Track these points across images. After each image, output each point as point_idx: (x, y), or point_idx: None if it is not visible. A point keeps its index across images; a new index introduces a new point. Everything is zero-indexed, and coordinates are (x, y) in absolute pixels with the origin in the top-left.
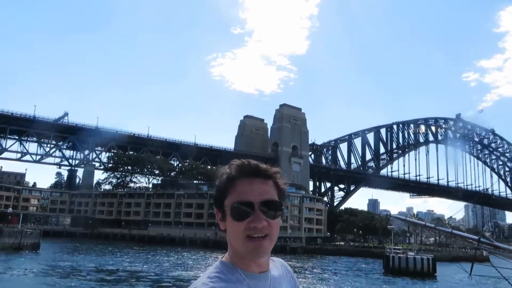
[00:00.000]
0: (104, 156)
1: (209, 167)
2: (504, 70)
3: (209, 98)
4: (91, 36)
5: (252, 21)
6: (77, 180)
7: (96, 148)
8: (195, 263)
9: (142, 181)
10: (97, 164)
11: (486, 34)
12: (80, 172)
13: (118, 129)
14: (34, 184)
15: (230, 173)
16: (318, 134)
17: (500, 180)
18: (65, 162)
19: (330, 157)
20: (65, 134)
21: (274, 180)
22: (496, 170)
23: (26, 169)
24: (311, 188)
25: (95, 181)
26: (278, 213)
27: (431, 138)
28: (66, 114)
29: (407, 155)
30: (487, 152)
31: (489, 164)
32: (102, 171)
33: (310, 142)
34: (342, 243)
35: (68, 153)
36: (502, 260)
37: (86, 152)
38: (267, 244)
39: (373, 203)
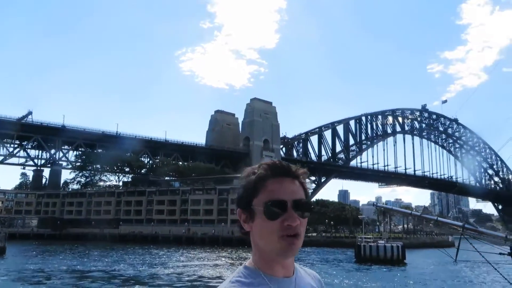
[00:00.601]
0: (71, 155)
1: (180, 163)
2: (467, 61)
3: (179, 93)
4: (55, 34)
5: (221, 15)
6: (44, 180)
7: (63, 147)
8: (169, 260)
9: (112, 180)
10: (64, 164)
11: (450, 26)
12: (46, 172)
13: (86, 127)
14: None
15: (260, 172)
16: (289, 128)
17: (463, 167)
18: (30, 162)
19: (301, 149)
20: (30, 133)
21: (300, 181)
22: (460, 158)
23: None
24: None
25: (62, 181)
26: (307, 213)
27: (398, 128)
28: (30, 113)
29: (375, 146)
30: (451, 141)
31: (453, 152)
32: (70, 171)
33: (281, 135)
34: (314, 234)
35: (33, 152)
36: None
37: (53, 151)
38: (298, 243)
39: (344, 193)
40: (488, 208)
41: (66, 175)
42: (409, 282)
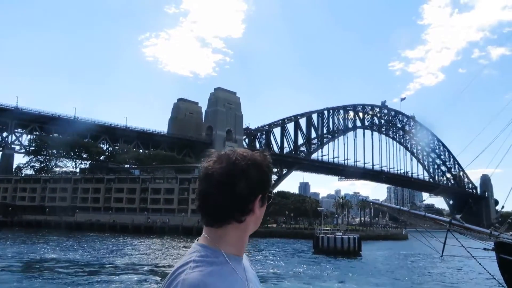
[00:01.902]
0: (25, 139)
1: (141, 150)
2: (426, 60)
3: (142, 79)
4: (12, 14)
5: (187, 1)
6: None
7: (16, 130)
8: (128, 249)
9: (68, 166)
10: (17, 147)
11: (412, 26)
12: None
13: (41, 110)
14: None
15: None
16: (252, 119)
17: (418, 163)
18: None
19: (263, 141)
20: None
21: None
22: (416, 155)
23: None
24: None
25: (15, 166)
26: None
27: (358, 123)
28: None
29: (336, 140)
30: (408, 137)
31: (409, 148)
32: (23, 155)
33: (244, 126)
34: (274, 225)
35: None
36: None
37: (5, 134)
38: None
39: (304, 186)
40: (440, 203)
41: (19, 159)
42: (363, 271)
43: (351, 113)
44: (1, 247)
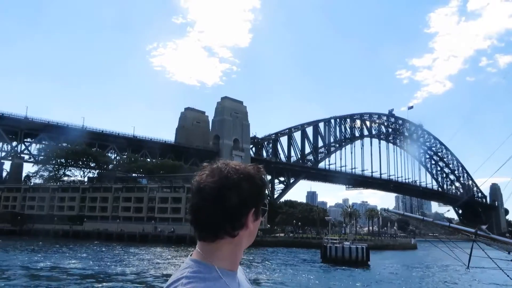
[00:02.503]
0: (34, 148)
1: (148, 160)
2: (433, 69)
3: (149, 89)
4: (24, 25)
5: (194, 11)
6: (4, 173)
7: (25, 140)
8: (136, 259)
9: (76, 175)
10: (26, 157)
11: (418, 34)
12: (7, 165)
13: (50, 120)
14: None
15: (265, 177)
16: (259, 127)
17: (427, 172)
18: None
19: (270, 150)
20: None
21: None
22: (424, 163)
23: None
24: None
25: (24, 175)
26: None
27: (366, 132)
28: None
29: (343, 148)
30: (415, 146)
31: (417, 157)
32: (33, 164)
33: (251, 135)
34: (282, 234)
35: None
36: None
37: (14, 143)
38: None
39: (312, 195)
40: (449, 212)
41: (28, 168)
42: (371, 282)
43: (358, 122)
44: (10, 256)
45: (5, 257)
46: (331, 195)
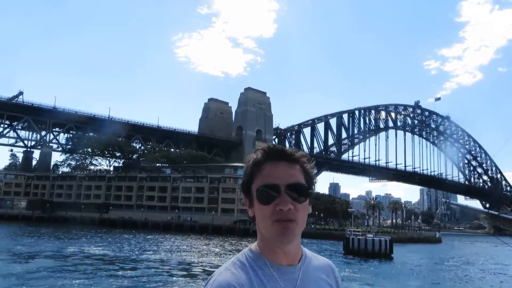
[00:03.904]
0: (62, 138)
1: (172, 150)
2: (463, 59)
3: (174, 79)
4: (48, 15)
5: (219, 2)
6: (34, 162)
7: (54, 129)
8: (160, 245)
9: (102, 164)
10: (54, 146)
11: (448, 23)
12: (36, 154)
13: (77, 110)
14: None
15: (256, 157)
16: (282, 118)
17: (453, 165)
18: (20, 143)
19: (293, 141)
20: (20, 113)
21: (301, 165)
22: (450, 156)
23: None
24: None
25: (52, 163)
26: (304, 197)
27: (390, 124)
28: (20, 93)
29: (367, 140)
30: (442, 138)
31: (444, 150)
32: (60, 153)
33: (274, 126)
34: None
35: (23, 134)
36: None
37: (43, 133)
38: (294, 227)
39: (334, 186)
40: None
41: (57, 157)
42: (394, 275)
43: (383, 113)
44: (41, 241)
45: (36, 243)
46: (354, 187)
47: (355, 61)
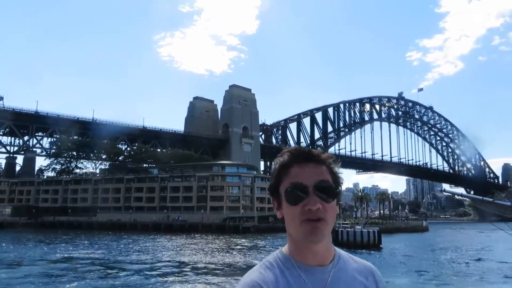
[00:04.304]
0: (46, 142)
1: (158, 150)
2: (444, 49)
3: (158, 79)
4: (30, 18)
5: None
6: (17, 167)
7: (37, 134)
8: (149, 246)
9: (88, 167)
10: (38, 151)
11: (429, 14)
12: (20, 160)
13: (60, 113)
14: None
15: (283, 160)
16: (268, 114)
17: (438, 154)
18: (2, 149)
19: (280, 136)
20: (1, 119)
21: (328, 166)
22: (434, 145)
23: None
24: (262, 168)
25: (37, 168)
26: (332, 197)
27: (375, 116)
28: (0, 98)
29: (353, 133)
30: (426, 128)
31: (428, 139)
32: (45, 158)
33: (260, 122)
34: None
35: (5, 139)
36: None
37: (26, 138)
38: (323, 227)
39: None
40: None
41: (41, 162)
42: (383, 264)
43: (367, 106)
44: (27, 248)
45: (23, 249)
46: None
47: (339, 54)
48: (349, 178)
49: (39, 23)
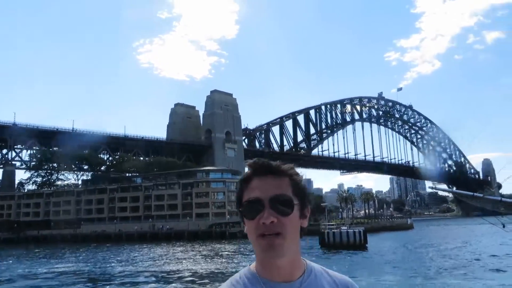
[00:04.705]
0: (25, 154)
1: (141, 158)
2: (421, 49)
3: (138, 86)
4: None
5: (179, 5)
6: None
7: (15, 146)
8: (135, 257)
9: (70, 178)
10: (18, 163)
11: (405, 15)
12: None
13: (39, 124)
14: None
15: (245, 173)
16: (251, 119)
17: (419, 152)
18: None
19: (263, 140)
20: None
21: (290, 177)
22: (416, 143)
23: None
24: None
25: (17, 181)
26: (290, 210)
27: (356, 116)
28: None
29: (335, 134)
30: (407, 127)
31: (409, 138)
32: (25, 171)
33: (243, 127)
34: None
35: None
36: None
37: (4, 151)
38: (279, 242)
39: (307, 182)
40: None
41: (21, 175)
42: (368, 264)
43: (348, 107)
44: (10, 264)
45: (5, 266)
46: (326, 181)
47: (318, 56)
48: (334, 179)
49: (11, 27)
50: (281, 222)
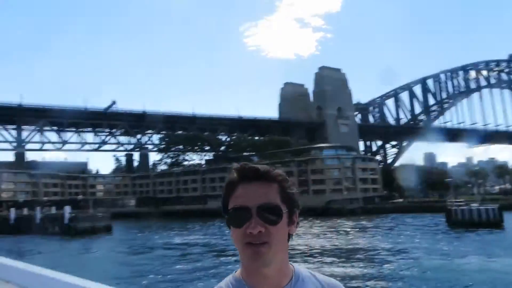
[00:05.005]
0: (155, 138)
1: (256, 138)
2: None
3: (247, 69)
4: (116, 17)
5: None
6: (135, 163)
7: (147, 132)
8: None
9: (194, 158)
10: (150, 147)
11: None
12: (136, 156)
13: (164, 111)
14: (97, 171)
15: (230, 177)
16: (363, 93)
17: None
18: (121, 148)
19: (377, 114)
20: (117, 121)
21: (279, 183)
22: None
23: (87, 158)
24: (362, 148)
25: (151, 163)
26: (278, 218)
27: (483, 83)
28: (114, 103)
29: (459, 103)
30: None
31: None
32: (156, 153)
33: (354, 102)
34: (400, 200)
35: (122, 139)
36: None
37: (138, 136)
38: (266, 251)
39: (429, 156)
40: None
41: (153, 157)
42: (505, 245)
43: (472, 73)
44: (154, 235)
45: (148, 237)
46: (452, 154)
47: (431, 20)
48: (461, 152)
49: (127, 30)
50: (268, 232)
